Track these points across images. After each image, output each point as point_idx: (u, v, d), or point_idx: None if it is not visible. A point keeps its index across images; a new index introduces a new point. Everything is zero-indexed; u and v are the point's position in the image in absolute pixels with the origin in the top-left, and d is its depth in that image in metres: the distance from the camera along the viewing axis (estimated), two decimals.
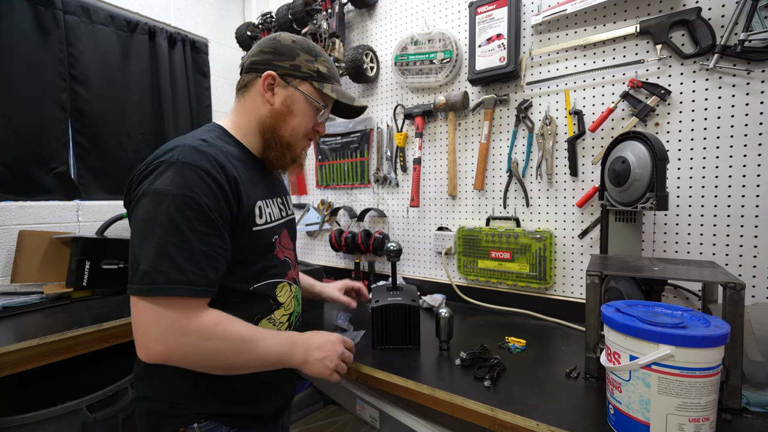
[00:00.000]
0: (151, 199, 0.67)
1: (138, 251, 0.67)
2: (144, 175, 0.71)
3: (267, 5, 2.33)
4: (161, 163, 0.70)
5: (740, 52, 1.03)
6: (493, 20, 1.40)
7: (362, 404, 1.18)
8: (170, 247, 0.66)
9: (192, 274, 0.67)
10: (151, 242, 0.66)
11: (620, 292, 1.03)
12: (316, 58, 0.88)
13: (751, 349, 0.80)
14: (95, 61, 1.84)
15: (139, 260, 0.66)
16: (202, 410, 0.78)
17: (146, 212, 0.67)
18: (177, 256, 0.66)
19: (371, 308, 1.10)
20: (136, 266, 0.67)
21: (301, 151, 0.93)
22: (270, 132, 0.87)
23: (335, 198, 2.04)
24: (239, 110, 0.89)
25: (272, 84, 0.85)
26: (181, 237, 0.67)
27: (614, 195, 1.08)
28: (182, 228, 0.67)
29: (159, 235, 0.66)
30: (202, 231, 0.69)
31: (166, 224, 0.66)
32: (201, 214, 0.69)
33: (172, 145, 0.74)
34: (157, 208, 0.66)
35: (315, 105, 0.89)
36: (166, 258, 0.66)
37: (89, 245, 1.57)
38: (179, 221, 0.66)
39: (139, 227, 0.68)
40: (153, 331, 0.66)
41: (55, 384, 1.47)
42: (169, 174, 0.68)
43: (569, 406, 0.80)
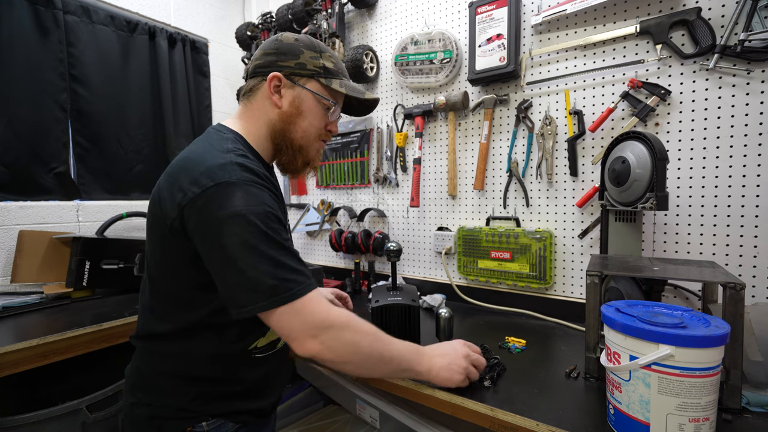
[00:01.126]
0: (237, 223, 0.67)
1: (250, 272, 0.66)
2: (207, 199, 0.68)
3: (267, 5, 2.33)
4: (220, 184, 0.68)
5: (740, 52, 1.03)
6: (493, 20, 1.40)
7: (362, 404, 1.18)
8: (280, 257, 0.69)
9: (305, 272, 0.71)
10: (262, 258, 0.67)
11: (620, 292, 1.03)
12: (321, 54, 0.85)
13: (751, 349, 0.80)
14: (95, 61, 1.85)
15: (258, 280, 0.66)
16: (209, 411, 0.78)
17: (239, 236, 0.67)
18: (291, 263, 0.70)
19: (371, 308, 1.10)
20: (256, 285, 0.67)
21: (315, 154, 0.90)
22: (281, 136, 0.85)
23: (335, 198, 2.04)
24: (248, 116, 0.86)
25: (278, 85, 0.83)
26: (281, 246, 0.70)
27: (614, 195, 1.08)
28: (276, 239, 0.69)
29: (264, 251, 0.67)
30: (285, 238, 0.73)
31: (265, 239, 0.68)
32: (280, 223, 0.72)
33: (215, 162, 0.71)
34: (248, 227, 0.67)
35: (324, 102, 0.86)
36: (284, 267, 0.68)
37: (89, 245, 1.58)
38: (272, 234, 0.69)
39: (239, 250, 0.67)
40: (302, 330, 0.69)
41: (55, 384, 1.47)
42: (239, 195, 0.68)
43: (569, 406, 0.80)
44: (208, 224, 0.68)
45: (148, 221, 0.79)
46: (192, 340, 0.77)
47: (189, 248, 0.71)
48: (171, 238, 0.73)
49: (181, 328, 0.77)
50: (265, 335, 0.83)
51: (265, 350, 0.84)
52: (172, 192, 0.72)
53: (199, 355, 0.78)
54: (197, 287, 0.75)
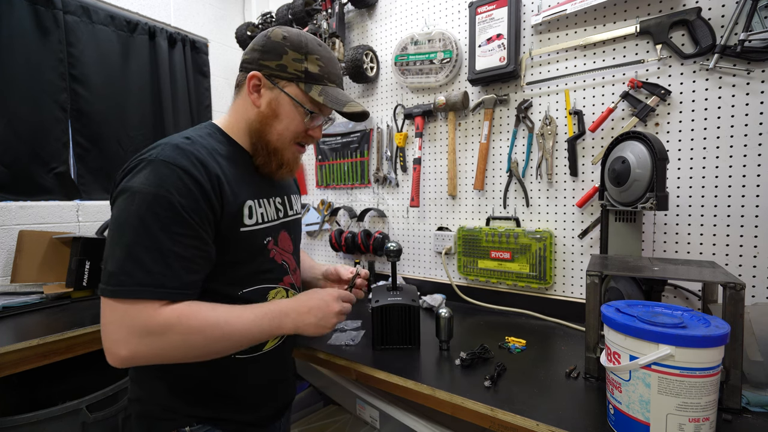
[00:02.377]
0: (125, 198, 0.66)
1: (107, 250, 0.65)
2: (124, 173, 0.69)
3: (267, 5, 2.33)
4: (141, 161, 0.69)
5: (740, 52, 1.03)
6: (493, 20, 1.40)
7: (362, 404, 1.18)
8: (138, 247, 0.64)
9: (161, 275, 0.65)
10: (120, 242, 0.64)
11: (620, 292, 1.03)
12: (307, 56, 0.81)
13: (751, 349, 0.80)
14: (95, 61, 1.84)
15: (107, 260, 0.65)
16: (194, 414, 0.78)
17: (119, 211, 0.66)
18: (145, 258, 0.64)
19: (371, 308, 1.10)
20: (105, 265, 0.65)
21: (292, 157, 0.86)
22: (256, 135, 0.83)
23: (335, 198, 2.04)
24: (234, 109, 0.86)
25: (258, 85, 0.81)
26: (151, 237, 0.64)
27: (614, 195, 1.08)
28: (152, 228, 0.64)
29: (128, 235, 0.64)
30: (175, 231, 0.66)
31: (136, 224, 0.64)
32: (174, 214, 0.66)
33: (155, 144, 0.72)
34: (129, 207, 0.65)
35: (302, 109, 0.82)
36: (134, 259, 0.63)
37: (89, 245, 1.58)
38: (150, 221, 0.64)
39: (112, 226, 0.66)
40: (116, 334, 0.64)
41: (55, 384, 1.47)
42: (145, 172, 0.66)
43: (569, 406, 0.80)
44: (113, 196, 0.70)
45: None
46: None
47: None
48: None
49: None
50: None
51: (246, 352, 0.80)
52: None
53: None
54: None
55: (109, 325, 0.64)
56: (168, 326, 0.65)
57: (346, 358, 1.05)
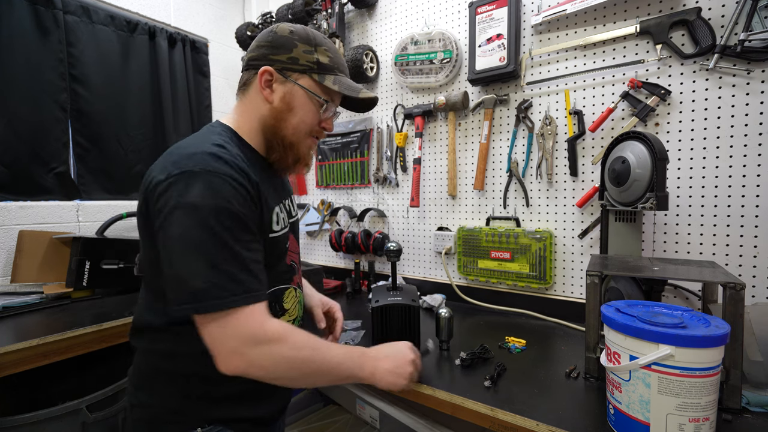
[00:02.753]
0: (185, 213, 0.64)
1: (182, 269, 0.64)
2: (166, 186, 0.67)
3: (267, 5, 2.33)
4: (184, 173, 0.66)
5: (740, 52, 1.03)
6: (493, 20, 1.40)
7: (362, 404, 1.18)
8: (220, 260, 0.64)
9: (248, 282, 0.67)
10: (199, 258, 0.64)
11: (620, 292, 1.03)
12: (316, 48, 0.81)
13: (751, 349, 0.80)
14: (95, 61, 1.84)
15: (187, 278, 0.64)
16: (206, 415, 0.77)
17: (183, 227, 0.64)
18: (230, 268, 0.65)
19: (371, 308, 1.09)
20: (184, 284, 0.64)
21: (307, 151, 0.87)
22: (271, 132, 0.82)
23: (335, 198, 2.04)
24: (242, 110, 0.84)
25: (270, 80, 0.80)
26: (227, 248, 0.65)
27: (614, 195, 1.08)
28: (225, 239, 0.65)
29: (204, 249, 0.64)
30: (243, 239, 0.68)
31: (208, 238, 0.64)
32: (239, 223, 0.68)
33: (187, 151, 0.70)
34: (194, 222, 0.64)
35: (317, 100, 0.83)
36: (220, 271, 0.64)
37: (89, 245, 1.57)
38: (221, 232, 0.65)
39: (177, 244, 0.64)
40: (229, 345, 0.66)
41: (55, 384, 1.47)
42: (198, 185, 0.65)
43: (569, 406, 0.80)
44: (160, 211, 0.67)
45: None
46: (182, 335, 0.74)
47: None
48: (143, 226, 0.72)
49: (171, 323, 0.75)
50: None
51: None
52: (145, 181, 0.72)
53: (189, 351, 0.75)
54: None
55: (220, 338, 0.66)
56: (276, 338, 0.68)
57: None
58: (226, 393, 0.79)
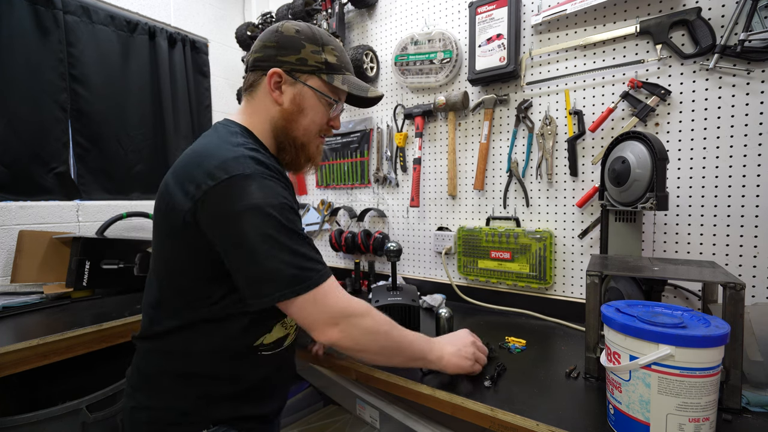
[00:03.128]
0: (255, 215, 0.67)
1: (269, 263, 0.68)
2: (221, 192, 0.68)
3: (267, 5, 2.33)
4: (234, 177, 0.68)
5: (740, 52, 1.03)
6: (493, 20, 1.40)
7: (362, 404, 1.18)
8: (299, 247, 0.70)
9: (322, 260, 0.74)
10: (282, 250, 0.68)
11: (620, 292, 1.03)
12: (324, 48, 0.82)
13: (751, 349, 0.80)
14: (95, 61, 1.84)
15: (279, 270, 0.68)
16: (211, 415, 0.77)
17: (258, 228, 0.68)
18: (308, 252, 0.72)
19: None
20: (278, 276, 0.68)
21: (316, 150, 0.88)
22: (283, 134, 0.83)
23: (335, 198, 2.04)
24: (251, 111, 0.84)
25: (279, 82, 0.80)
26: (299, 236, 0.71)
27: (614, 195, 1.08)
28: (294, 229, 0.71)
29: (283, 241, 0.69)
30: (301, 227, 0.74)
31: (285, 230, 0.69)
32: (295, 215, 0.74)
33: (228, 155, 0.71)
34: (266, 220, 0.68)
35: (326, 100, 0.84)
36: (303, 257, 0.70)
37: (89, 245, 1.57)
38: (289, 225, 0.70)
39: (259, 243, 0.68)
40: (323, 318, 0.71)
41: (55, 384, 1.47)
42: (253, 189, 0.68)
43: (569, 406, 0.80)
44: (225, 217, 0.68)
45: (154, 218, 0.79)
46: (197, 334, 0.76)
47: (201, 241, 0.71)
48: (182, 231, 0.72)
49: (187, 322, 0.76)
50: (271, 331, 0.82)
51: (271, 348, 0.83)
52: (183, 186, 0.71)
53: (202, 350, 0.77)
54: (208, 280, 0.74)
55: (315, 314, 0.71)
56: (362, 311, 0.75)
57: (346, 358, 1.05)
58: (232, 391, 0.79)
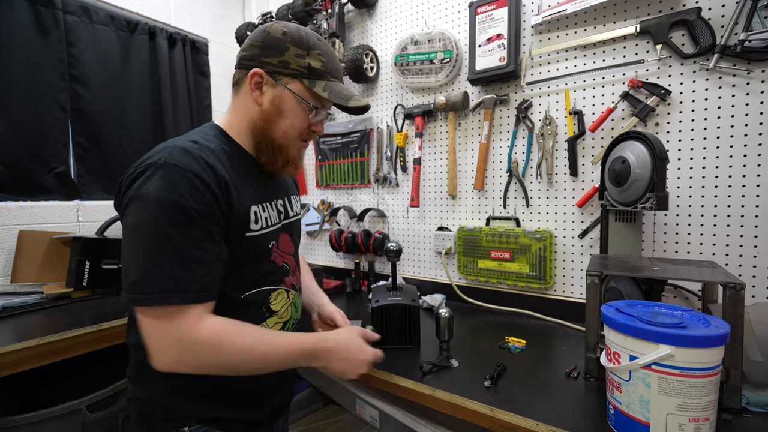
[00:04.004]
0: (138, 205, 0.66)
1: (127, 259, 0.66)
2: (132, 178, 0.69)
3: (267, 5, 2.33)
4: (149, 165, 0.68)
5: (740, 52, 1.03)
6: (493, 20, 1.40)
7: (362, 404, 1.18)
8: (159, 254, 0.64)
9: (184, 280, 0.65)
10: (140, 250, 0.65)
11: (620, 292, 1.03)
12: (309, 52, 0.80)
13: (751, 349, 0.80)
14: (95, 61, 1.84)
15: (129, 269, 0.65)
16: (195, 414, 0.77)
17: (134, 218, 0.66)
18: (167, 264, 0.65)
19: (371, 308, 1.10)
20: (127, 275, 0.66)
21: (296, 153, 0.86)
22: (260, 134, 0.82)
23: (335, 198, 2.04)
24: (233, 109, 0.84)
25: (260, 82, 0.79)
26: (170, 243, 0.65)
27: (614, 195, 1.08)
28: (171, 233, 0.65)
29: (147, 242, 0.65)
30: (191, 236, 0.67)
31: (154, 230, 0.65)
32: (190, 219, 0.66)
33: (162, 146, 0.72)
34: (144, 213, 0.65)
35: (306, 105, 0.82)
36: (156, 266, 0.64)
37: (89, 245, 1.57)
38: (167, 227, 0.65)
39: (128, 234, 0.67)
40: (159, 343, 0.66)
41: (55, 384, 1.47)
42: (156, 178, 0.66)
43: (569, 406, 0.80)
44: (123, 202, 0.69)
45: None
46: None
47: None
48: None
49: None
50: None
51: None
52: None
53: None
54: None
55: (151, 334, 0.66)
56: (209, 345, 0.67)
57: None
58: (210, 391, 0.77)
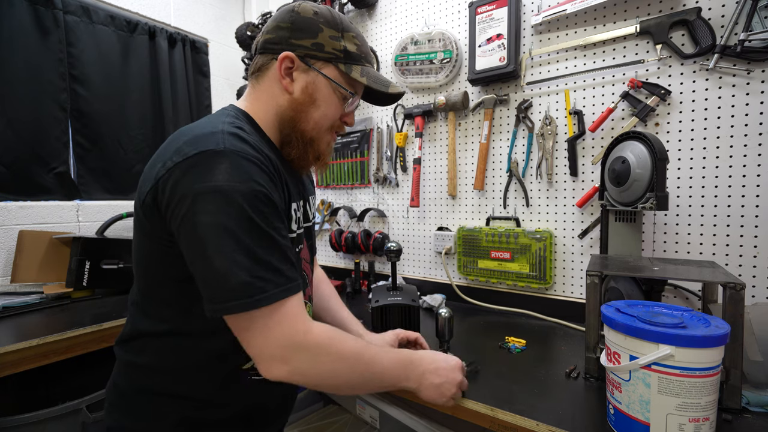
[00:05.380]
0: (215, 199, 0.57)
1: (218, 261, 0.57)
2: (183, 170, 0.58)
3: (267, 5, 2.33)
4: (203, 152, 0.58)
5: (740, 52, 1.03)
6: (493, 20, 1.40)
7: (362, 404, 1.18)
8: (261, 249, 0.58)
9: (289, 271, 0.62)
10: (238, 248, 0.57)
11: (620, 292, 1.03)
12: (343, 34, 0.73)
13: (751, 349, 0.80)
14: (95, 61, 1.84)
15: (226, 272, 0.56)
16: None
17: (214, 215, 0.57)
18: (272, 258, 0.59)
19: (371, 308, 1.10)
20: (223, 279, 0.57)
21: (327, 147, 0.79)
22: (290, 126, 0.74)
23: (335, 198, 2.04)
24: (256, 97, 0.75)
25: (290, 68, 0.71)
26: (266, 236, 0.59)
27: (614, 195, 1.08)
28: (263, 226, 0.59)
29: (242, 238, 0.57)
30: (278, 226, 0.62)
31: (246, 225, 0.58)
32: (273, 208, 0.62)
33: (203, 130, 0.62)
34: (228, 208, 0.57)
35: (342, 92, 0.74)
36: (262, 262, 0.58)
37: (89, 245, 1.57)
38: (258, 219, 0.59)
39: (211, 233, 0.57)
40: (271, 350, 0.60)
41: (55, 384, 1.47)
42: (224, 167, 0.58)
43: (569, 406, 0.80)
44: (182, 197, 0.58)
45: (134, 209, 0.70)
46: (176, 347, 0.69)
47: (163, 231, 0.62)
48: (146, 218, 0.64)
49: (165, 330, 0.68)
50: None
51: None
52: (154, 167, 0.63)
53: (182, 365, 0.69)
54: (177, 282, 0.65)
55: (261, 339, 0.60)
56: (322, 346, 0.63)
57: None
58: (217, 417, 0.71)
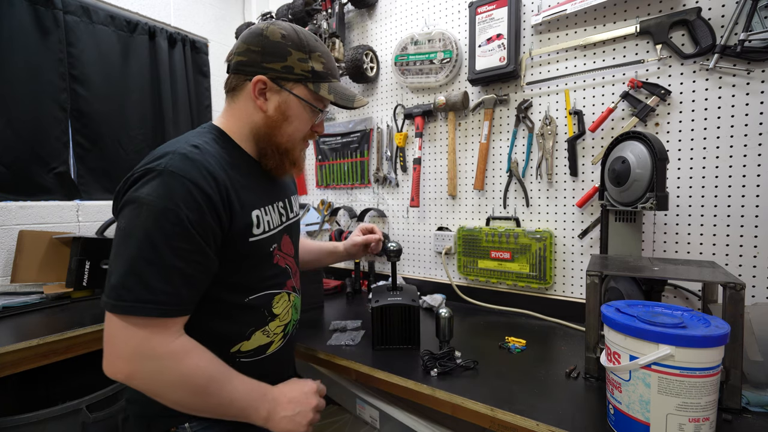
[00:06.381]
0: (131, 209, 0.65)
1: (112, 262, 0.65)
2: (131, 182, 0.68)
3: (267, 5, 2.33)
4: (149, 170, 0.66)
5: (740, 52, 1.03)
6: (493, 20, 1.40)
7: (362, 404, 1.18)
8: (141, 262, 0.63)
9: (161, 293, 0.64)
10: (124, 255, 0.63)
11: (620, 292, 1.03)
12: (310, 55, 0.80)
13: (751, 349, 0.80)
14: (95, 61, 1.85)
15: (111, 272, 0.64)
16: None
17: (125, 222, 0.65)
18: (147, 273, 0.63)
19: (371, 308, 1.10)
20: (108, 277, 0.65)
21: (300, 154, 0.88)
22: (265, 140, 0.82)
23: (335, 198, 2.04)
24: (231, 113, 0.83)
25: (263, 89, 0.79)
26: (155, 252, 0.63)
27: (614, 195, 1.08)
28: (157, 242, 0.63)
29: (132, 248, 0.63)
30: (179, 246, 0.65)
31: (141, 237, 0.63)
32: (180, 228, 0.65)
33: (162, 150, 0.70)
34: (135, 219, 0.64)
35: (312, 108, 0.83)
36: (135, 274, 0.63)
37: (89, 245, 1.57)
38: (155, 235, 0.63)
39: (117, 237, 0.66)
40: (120, 349, 0.64)
41: (55, 384, 1.47)
42: (154, 184, 0.65)
43: (569, 406, 0.80)
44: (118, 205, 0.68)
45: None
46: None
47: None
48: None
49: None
50: (250, 339, 0.80)
51: (250, 355, 0.81)
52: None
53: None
54: None
55: (114, 339, 0.65)
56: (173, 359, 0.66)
57: (346, 358, 1.05)
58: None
